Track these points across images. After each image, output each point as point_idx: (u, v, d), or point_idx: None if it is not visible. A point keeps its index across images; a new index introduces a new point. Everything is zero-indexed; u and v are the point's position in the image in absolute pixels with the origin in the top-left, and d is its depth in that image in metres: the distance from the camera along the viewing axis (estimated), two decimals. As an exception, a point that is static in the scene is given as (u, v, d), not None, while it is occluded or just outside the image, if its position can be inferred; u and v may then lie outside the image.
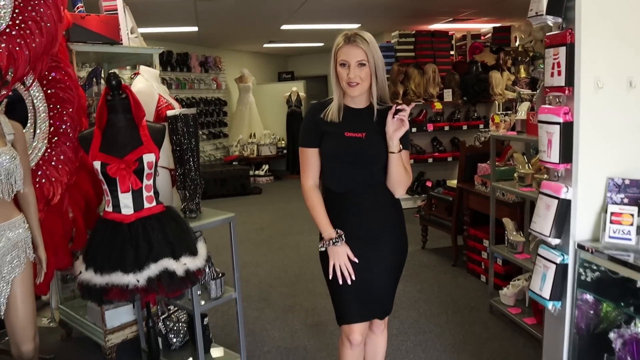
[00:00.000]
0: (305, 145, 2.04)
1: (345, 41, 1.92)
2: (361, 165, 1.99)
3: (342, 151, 1.98)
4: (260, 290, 4.16)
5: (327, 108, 2.01)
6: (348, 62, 1.90)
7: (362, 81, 1.91)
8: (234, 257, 2.71)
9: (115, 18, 2.66)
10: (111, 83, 2.11)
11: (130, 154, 2.13)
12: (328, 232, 1.99)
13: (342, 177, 2.01)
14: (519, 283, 3.38)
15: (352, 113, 2.01)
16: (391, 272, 2.10)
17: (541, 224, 1.82)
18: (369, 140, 1.97)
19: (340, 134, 1.98)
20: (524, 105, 3.15)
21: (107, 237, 2.19)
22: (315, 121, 2.02)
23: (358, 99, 2.00)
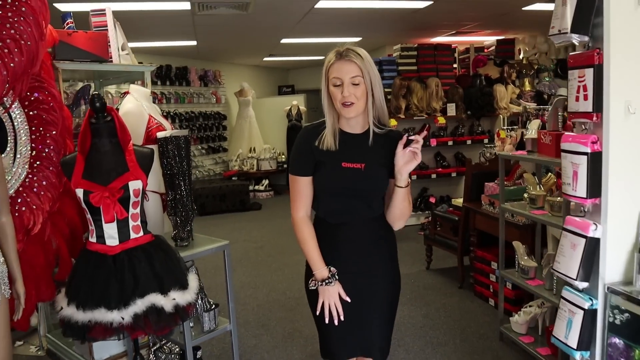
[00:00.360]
0: (297, 174, 1.86)
1: (337, 57, 1.75)
2: (359, 198, 1.82)
3: (339, 184, 1.81)
4: (259, 316, 3.98)
5: (322, 134, 1.83)
6: (341, 79, 1.73)
7: (357, 100, 1.74)
8: (228, 286, 2.55)
9: (104, 35, 2.53)
10: (95, 105, 1.96)
11: (115, 181, 1.98)
12: (320, 271, 1.83)
13: (337, 209, 1.84)
14: (531, 310, 3.20)
15: (349, 139, 1.83)
16: (385, 307, 1.93)
17: (566, 264, 1.65)
18: (368, 171, 1.80)
19: (337, 165, 1.80)
20: (535, 123, 3.00)
21: (90, 270, 2.03)
22: (309, 148, 1.83)
23: (354, 122, 1.82)
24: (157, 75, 8.18)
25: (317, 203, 1.88)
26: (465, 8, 5.58)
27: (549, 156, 2.74)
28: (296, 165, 1.87)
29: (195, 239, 2.60)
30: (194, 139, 8.87)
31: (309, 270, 1.95)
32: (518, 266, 3.13)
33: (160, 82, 8.25)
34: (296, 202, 1.87)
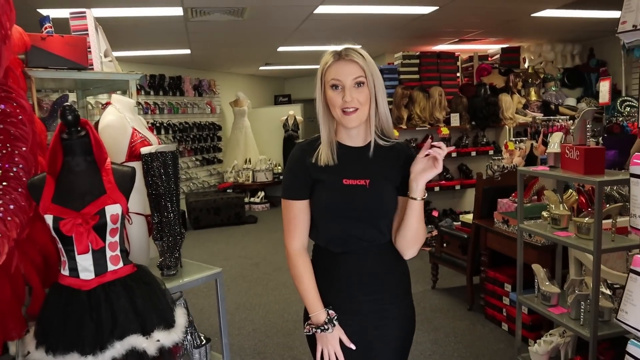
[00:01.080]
0: (291, 197, 1.59)
1: (336, 57, 1.50)
2: (365, 220, 1.55)
3: (340, 204, 1.54)
4: (255, 342, 3.70)
5: (317, 150, 1.57)
6: (342, 81, 1.49)
7: (360, 106, 1.49)
8: (221, 320, 2.27)
9: (82, 39, 2.27)
10: (66, 118, 1.70)
11: (90, 206, 1.71)
12: (317, 315, 1.56)
13: (340, 235, 1.57)
14: (552, 339, 2.93)
15: (350, 153, 1.58)
16: (398, 354, 1.65)
17: (636, 315, 1.39)
18: (374, 188, 1.54)
19: (337, 182, 1.54)
20: (557, 137, 2.76)
21: (61, 308, 1.75)
22: (303, 166, 1.57)
23: (355, 133, 1.57)
24: (150, 85, 7.93)
25: (317, 230, 1.62)
26: (470, 14, 5.36)
27: (576, 173, 2.49)
28: (289, 188, 1.60)
29: (185, 265, 2.32)
30: (188, 150, 8.61)
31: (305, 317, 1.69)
32: (538, 291, 2.86)
33: (154, 92, 7.99)
34: (291, 232, 1.61)
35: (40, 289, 2.13)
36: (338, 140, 1.60)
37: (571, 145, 2.53)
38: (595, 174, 2.44)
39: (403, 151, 1.60)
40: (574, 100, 6.99)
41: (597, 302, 2.41)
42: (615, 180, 2.41)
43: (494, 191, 3.82)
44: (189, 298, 4.36)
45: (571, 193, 3.06)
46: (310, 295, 1.58)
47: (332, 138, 1.58)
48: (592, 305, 2.41)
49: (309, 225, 1.62)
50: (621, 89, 6.63)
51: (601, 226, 2.35)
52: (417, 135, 6.09)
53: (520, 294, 2.97)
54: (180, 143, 8.41)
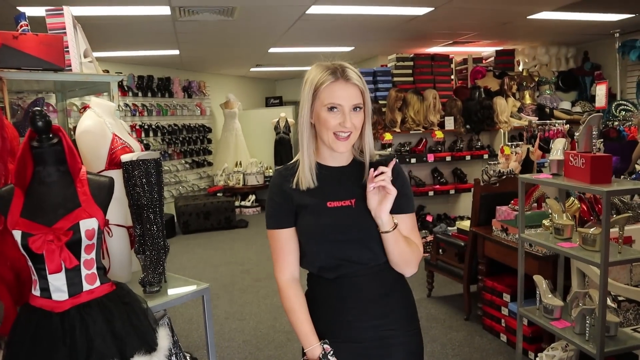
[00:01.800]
0: (275, 227, 1.49)
1: (334, 77, 1.38)
2: (355, 242, 1.44)
3: (327, 228, 1.43)
4: (245, 354, 3.55)
5: (297, 174, 1.47)
6: (342, 106, 1.38)
7: (355, 130, 1.40)
8: (208, 340, 2.13)
9: (59, 38, 2.11)
10: (36, 124, 1.55)
11: (62, 220, 1.56)
12: (311, 350, 1.44)
13: (332, 260, 1.45)
14: (554, 353, 2.82)
15: (332, 174, 1.47)
16: None
17: None
18: (360, 208, 1.43)
19: (321, 205, 1.44)
20: (559, 143, 2.64)
21: (32, 332, 1.61)
22: (284, 192, 1.47)
23: (339, 155, 1.47)
24: (138, 86, 7.76)
25: (307, 258, 1.49)
26: (466, 16, 5.26)
27: (581, 181, 2.38)
28: (272, 217, 1.49)
29: (169, 280, 2.18)
30: (177, 153, 8.44)
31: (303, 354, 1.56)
32: (540, 303, 2.75)
33: (142, 93, 7.82)
34: (279, 262, 1.49)
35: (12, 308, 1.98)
36: (318, 161, 1.48)
37: (576, 153, 2.42)
38: (602, 183, 2.33)
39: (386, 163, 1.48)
40: (569, 103, 6.92)
41: (605, 317, 2.30)
42: (625, 190, 2.30)
43: (492, 197, 3.71)
44: (177, 308, 4.21)
45: (573, 201, 2.95)
46: (304, 328, 1.45)
47: (313, 159, 1.47)
48: (599, 320, 2.29)
49: (297, 253, 1.50)
50: (616, 93, 6.57)
51: (608, 238, 2.24)
52: (411, 139, 5.97)
53: (521, 306, 2.86)
54: (170, 145, 8.24)
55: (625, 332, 2.49)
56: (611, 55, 6.72)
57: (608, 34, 6.40)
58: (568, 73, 7.25)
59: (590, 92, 6.97)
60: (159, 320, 1.91)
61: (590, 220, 3.04)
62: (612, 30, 6.25)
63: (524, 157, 4.68)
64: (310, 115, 1.43)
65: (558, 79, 7.16)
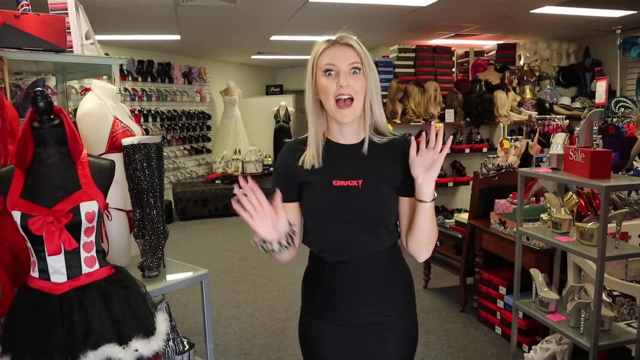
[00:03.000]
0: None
1: (330, 43, 1.39)
2: (360, 224, 1.41)
3: (330, 208, 1.41)
4: (241, 341, 3.57)
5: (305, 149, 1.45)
6: (337, 66, 1.36)
7: (356, 95, 1.36)
8: (206, 325, 2.14)
9: (60, 19, 2.09)
10: (38, 105, 1.54)
11: (62, 202, 1.56)
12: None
13: (334, 241, 1.43)
14: (548, 346, 2.84)
15: (341, 151, 1.44)
16: None
17: None
18: (367, 189, 1.40)
19: (326, 184, 1.41)
20: (560, 137, 2.64)
21: (29, 313, 1.61)
22: (289, 167, 1.46)
23: (348, 130, 1.44)
24: (138, 70, 7.71)
25: (309, 236, 1.48)
26: (469, 8, 5.23)
27: (580, 176, 2.38)
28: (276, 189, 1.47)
29: (168, 265, 2.18)
30: (176, 139, 8.41)
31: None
32: (536, 296, 2.76)
33: (142, 78, 7.78)
34: None
35: (10, 290, 1.98)
36: (329, 137, 1.47)
37: (576, 147, 2.42)
38: (601, 178, 2.33)
39: (402, 147, 1.44)
40: (569, 99, 6.92)
41: (599, 311, 2.31)
42: (623, 185, 2.31)
43: (491, 191, 3.71)
44: (173, 294, 4.22)
45: (571, 196, 2.96)
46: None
47: (320, 137, 1.45)
48: (594, 314, 2.31)
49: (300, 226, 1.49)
50: (616, 90, 6.57)
51: (606, 233, 2.25)
52: (412, 130, 5.95)
53: (517, 299, 2.87)
54: (168, 131, 8.22)
55: (619, 327, 2.51)
56: (612, 52, 6.71)
57: (609, 30, 6.39)
58: (569, 68, 7.24)
59: (590, 88, 6.96)
60: (157, 304, 1.92)
61: (588, 215, 3.05)
62: (613, 27, 6.24)
63: (523, 151, 4.69)
64: (313, 89, 1.42)
65: (558, 74, 7.15)
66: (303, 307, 1.57)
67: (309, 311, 1.54)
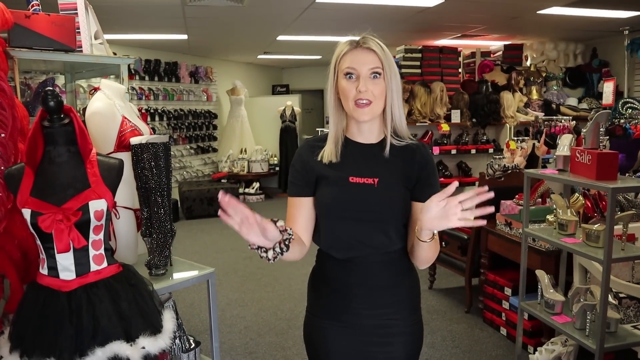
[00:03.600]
0: (292, 194, 1.50)
1: (352, 45, 1.40)
2: (372, 223, 1.42)
3: (345, 203, 1.42)
4: (246, 340, 3.58)
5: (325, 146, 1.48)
6: (357, 70, 1.37)
7: (375, 99, 1.38)
8: (212, 323, 2.15)
9: (70, 19, 2.11)
10: (48, 104, 1.56)
11: (72, 201, 1.57)
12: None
13: (344, 238, 1.44)
14: (554, 348, 2.84)
15: (360, 150, 1.46)
16: None
17: None
18: (383, 187, 1.42)
19: (343, 179, 1.43)
20: (566, 139, 2.64)
21: (38, 310, 1.63)
22: (306, 162, 1.48)
23: (367, 129, 1.45)
24: (145, 70, 7.75)
25: (320, 233, 1.49)
26: (476, 9, 5.22)
27: (587, 178, 2.38)
28: (291, 184, 1.50)
29: (175, 264, 2.20)
30: (182, 138, 8.45)
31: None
32: (541, 298, 2.77)
33: (149, 77, 7.81)
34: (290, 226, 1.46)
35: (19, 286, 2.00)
36: (348, 136, 1.49)
37: (582, 149, 2.42)
38: (608, 179, 2.33)
39: (418, 151, 1.47)
40: (576, 100, 6.88)
41: (605, 313, 2.31)
42: (630, 187, 2.30)
43: (496, 192, 3.66)
44: (179, 292, 4.24)
45: (577, 197, 2.95)
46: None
47: (340, 133, 1.47)
48: (600, 316, 2.31)
49: (308, 225, 1.50)
50: (623, 91, 6.53)
51: (612, 235, 2.25)
52: (417, 131, 5.96)
53: (523, 301, 2.87)
54: (175, 130, 8.25)
55: (626, 329, 2.51)
56: (620, 53, 6.67)
57: (617, 31, 6.35)
58: (576, 69, 7.21)
59: (598, 89, 6.92)
60: (164, 302, 1.93)
61: (594, 216, 3.04)
62: (621, 28, 6.20)
63: (529, 152, 4.68)
64: (334, 89, 1.44)
65: (565, 75, 7.12)
66: (308, 308, 1.58)
67: (314, 312, 1.55)
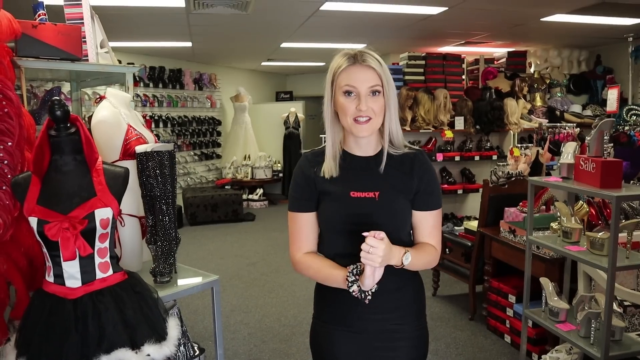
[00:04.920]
0: (295, 209, 1.51)
1: (350, 61, 1.39)
2: None
3: (347, 218, 1.44)
4: (249, 347, 3.58)
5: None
6: (356, 88, 1.38)
7: (375, 115, 1.39)
8: (216, 331, 2.15)
9: (77, 29, 2.14)
10: (55, 114, 1.57)
11: (78, 209, 1.59)
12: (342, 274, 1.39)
13: (348, 250, 1.44)
14: (558, 356, 2.83)
15: (359, 163, 1.47)
16: None
17: None
18: (384, 201, 1.43)
19: (344, 195, 1.44)
20: (570, 147, 2.64)
21: (45, 317, 1.64)
22: (308, 177, 1.48)
23: (365, 143, 1.46)
24: (150, 77, 7.80)
25: (324, 245, 1.51)
26: (479, 16, 5.24)
27: (591, 185, 2.38)
28: (293, 199, 1.51)
29: (179, 271, 2.21)
30: (186, 145, 8.48)
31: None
32: (545, 306, 2.76)
33: (153, 84, 7.86)
34: (295, 243, 1.51)
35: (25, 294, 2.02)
36: (346, 149, 1.50)
37: (586, 157, 2.42)
38: (612, 187, 2.33)
39: (417, 160, 1.49)
40: (580, 107, 6.89)
41: (610, 321, 2.30)
42: (635, 195, 2.30)
43: (501, 199, 3.71)
44: (182, 299, 4.25)
45: (581, 205, 2.95)
46: (332, 269, 1.43)
47: (337, 148, 1.48)
48: (604, 324, 2.30)
49: (315, 238, 1.52)
50: (627, 98, 6.53)
51: (617, 243, 2.24)
52: (421, 138, 5.97)
53: (527, 308, 2.87)
54: (179, 137, 8.29)
55: (630, 337, 2.50)
56: (624, 60, 6.67)
57: (621, 37, 6.35)
58: (580, 76, 7.21)
59: (602, 95, 6.92)
60: (169, 310, 1.94)
61: (598, 224, 3.03)
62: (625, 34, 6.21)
63: (533, 160, 4.67)
64: (331, 103, 1.44)
65: (569, 82, 7.12)
66: (315, 314, 1.59)
67: (321, 318, 1.56)
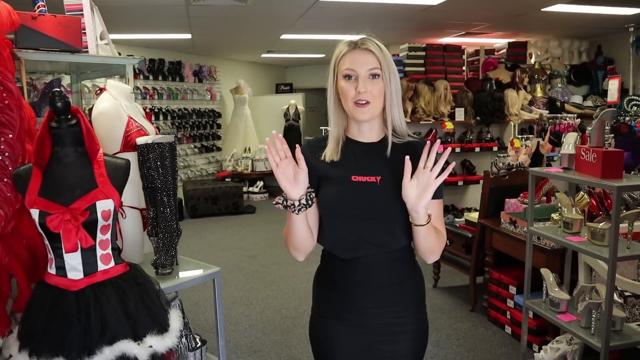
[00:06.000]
0: None
1: (351, 46, 1.41)
2: (376, 221, 1.42)
3: (347, 202, 1.42)
4: (251, 339, 3.60)
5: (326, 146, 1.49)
6: (356, 72, 1.38)
7: (373, 99, 1.39)
8: (218, 322, 2.16)
9: (76, 20, 2.12)
10: (56, 105, 1.57)
11: (79, 201, 1.58)
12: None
13: (349, 237, 1.44)
14: (559, 346, 2.84)
15: (361, 149, 1.47)
16: None
17: None
18: (386, 186, 1.42)
19: (345, 179, 1.44)
20: (571, 137, 2.64)
21: (47, 309, 1.64)
22: (308, 162, 1.44)
23: (368, 129, 1.47)
24: (150, 69, 7.78)
25: (324, 233, 1.49)
26: (480, 7, 5.22)
27: (591, 176, 2.38)
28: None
29: (181, 263, 2.21)
30: (186, 137, 8.47)
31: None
32: (546, 296, 2.77)
33: (153, 76, 7.84)
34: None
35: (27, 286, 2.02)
36: (349, 136, 1.50)
37: (587, 147, 2.42)
38: (613, 177, 2.32)
39: (420, 148, 1.46)
40: (580, 97, 6.87)
41: (611, 311, 2.31)
42: (635, 185, 2.30)
43: (501, 190, 3.71)
44: (184, 291, 4.26)
45: (582, 196, 2.95)
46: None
47: (341, 133, 1.49)
48: (605, 315, 2.31)
49: (316, 225, 1.50)
50: (628, 88, 6.51)
51: (618, 233, 2.24)
52: (421, 129, 5.96)
53: (528, 299, 2.87)
54: (179, 129, 8.28)
55: (631, 327, 2.51)
56: (625, 50, 6.65)
57: (622, 28, 6.34)
58: (580, 67, 7.19)
59: (602, 86, 6.91)
60: (170, 301, 1.94)
61: (599, 215, 3.03)
62: (626, 25, 6.19)
63: (533, 151, 4.67)
64: (334, 88, 1.45)
65: (570, 73, 7.10)
66: (314, 307, 1.59)
67: (319, 311, 1.55)
